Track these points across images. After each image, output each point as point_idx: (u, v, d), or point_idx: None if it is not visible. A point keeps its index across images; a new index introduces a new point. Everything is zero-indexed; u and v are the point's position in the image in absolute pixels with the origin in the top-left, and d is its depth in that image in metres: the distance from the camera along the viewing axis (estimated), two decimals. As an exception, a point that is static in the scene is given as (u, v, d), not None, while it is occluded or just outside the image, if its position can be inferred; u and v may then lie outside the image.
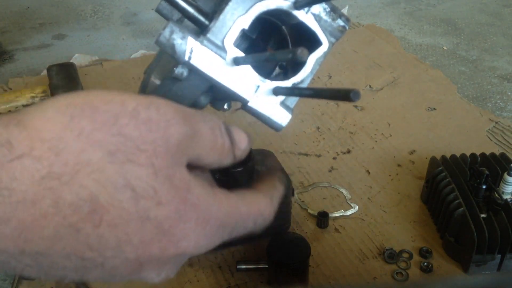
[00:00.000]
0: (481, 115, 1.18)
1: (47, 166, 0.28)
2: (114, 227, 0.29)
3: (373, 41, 1.51)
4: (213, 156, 0.36)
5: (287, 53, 0.38)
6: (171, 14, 0.54)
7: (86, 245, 0.29)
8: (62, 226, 0.28)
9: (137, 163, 0.30)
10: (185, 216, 0.32)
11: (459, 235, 0.81)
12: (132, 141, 0.30)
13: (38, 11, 1.75)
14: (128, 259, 0.31)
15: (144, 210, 0.30)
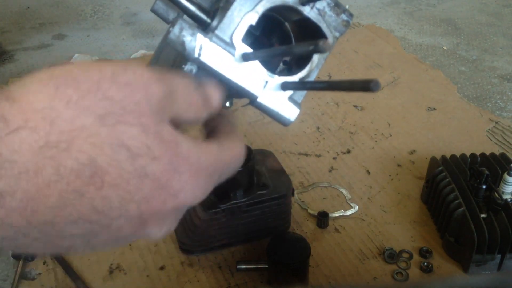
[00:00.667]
0: (481, 115, 1.18)
1: (44, 136, 0.28)
2: (116, 187, 0.30)
3: (373, 41, 1.51)
4: (190, 113, 0.38)
5: (307, 45, 0.38)
6: (167, 13, 0.54)
7: (91, 208, 0.30)
8: (66, 192, 0.29)
9: (127, 123, 0.31)
10: (179, 169, 0.33)
11: (459, 235, 0.81)
12: (118, 104, 0.31)
13: (38, 11, 1.75)
14: (132, 216, 0.32)
15: (141, 167, 0.31)
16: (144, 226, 0.33)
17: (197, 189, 0.35)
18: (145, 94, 0.32)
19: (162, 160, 0.32)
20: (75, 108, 0.30)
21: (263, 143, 1.08)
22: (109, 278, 0.80)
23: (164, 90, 0.34)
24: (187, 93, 0.37)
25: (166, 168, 0.32)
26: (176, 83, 0.36)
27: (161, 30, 1.61)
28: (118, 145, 0.30)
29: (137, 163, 0.31)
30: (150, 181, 0.32)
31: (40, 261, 0.83)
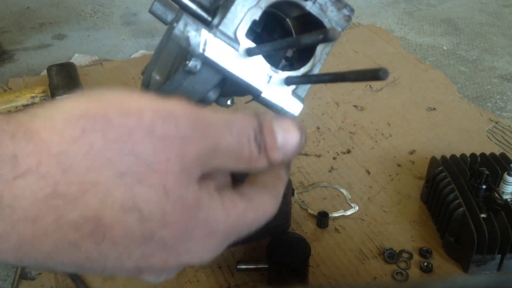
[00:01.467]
0: (481, 115, 1.18)
1: (52, 185, 0.27)
2: (116, 245, 0.29)
3: (373, 41, 1.51)
4: (238, 166, 0.33)
5: (316, 35, 0.37)
6: (165, 14, 0.54)
7: (86, 258, 0.29)
8: (61, 243, 0.28)
9: (147, 184, 0.28)
10: (191, 233, 0.31)
11: (459, 235, 0.81)
12: (143, 160, 0.28)
13: (38, 11, 1.75)
14: (128, 269, 0.31)
15: (149, 232, 0.29)
16: (139, 274, 0.32)
17: (206, 253, 0.32)
18: (179, 151, 0.29)
19: (175, 226, 0.29)
20: (94, 159, 0.27)
21: (263, 143, 1.08)
22: (109, 278, 0.80)
23: (204, 146, 0.30)
24: (238, 147, 0.32)
25: (176, 235, 0.30)
26: (225, 138, 0.31)
27: (161, 30, 1.61)
28: (130, 206, 0.28)
29: (145, 226, 0.29)
30: (154, 244, 0.30)
31: (40, 261, 0.83)
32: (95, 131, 0.27)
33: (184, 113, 0.30)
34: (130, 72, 1.36)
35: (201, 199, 0.31)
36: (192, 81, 0.48)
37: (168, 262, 0.31)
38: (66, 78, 1.18)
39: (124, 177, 0.28)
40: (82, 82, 1.21)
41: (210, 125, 0.31)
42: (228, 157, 0.32)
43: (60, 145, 0.27)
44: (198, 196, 0.30)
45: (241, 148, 0.32)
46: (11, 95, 1.16)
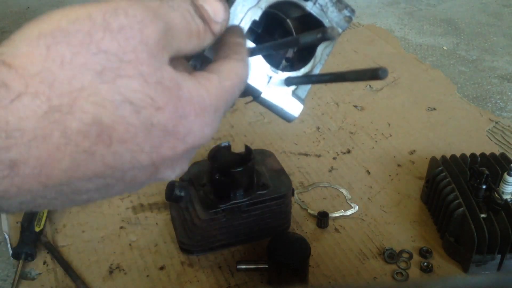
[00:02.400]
0: (481, 115, 1.18)
1: (46, 101, 0.28)
2: (124, 142, 0.31)
3: (373, 41, 1.51)
4: (192, 43, 0.36)
5: (314, 33, 0.37)
6: None
7: (103, 164, 0.30)
8: (76, 153, 0.29)
9: (126, 76, 0.30)
10: (184, 113, 0.33)
11: (459, 235, 0.81)
12: (114, 55, 0.30)
13: (38, 11, 1.75)
14: (145, 166, 0.32)
15: (147, 119, 0.31)
16: (157, 171, 0.34)
17: (205, 128, 0.35)
18: (141, 38, 0.31)
19: (167, 108, 0.32)
20: (70, 68, 0.29)
21: (263, 143, 1.08)
22: (109, 278, 0.80)
23: (160, 29, 0.32)
24: (185, 23, 0.35)
25: (171, 115, 0.32)
26: (172, 15, 0.34)
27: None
28: (121, 100, 0.30)
29: (142, 115, 0.31)
30: (157, 131, 0.32)
31: (40, 261, 0.83)
32: (58, 43, 0.29)
33: (129, 3, 0.32)
34: (130, 72, 1.36)
35: (178, 80, 0.33)
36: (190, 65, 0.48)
37: (176, 148, 0.33)
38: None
39: (103, 75, 0.29)
40: (82, 82, 1.21)
41: (156, 7, 0.33)
42: (181, 34, 0.35)
43: (35, 65, 0.28)
44: (173, 77, 0.33)
45: (188, 23, 0.35)
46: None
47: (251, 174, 0.80)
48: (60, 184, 0.30)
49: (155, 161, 0.33)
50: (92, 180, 0.31)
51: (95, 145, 0.29)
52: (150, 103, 0.31)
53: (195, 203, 0.79)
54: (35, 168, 0.28)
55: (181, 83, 0.33)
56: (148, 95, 0.31)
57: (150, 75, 0.31)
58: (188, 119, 0.33)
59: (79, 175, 0.30)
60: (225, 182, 0.77)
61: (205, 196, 0.79)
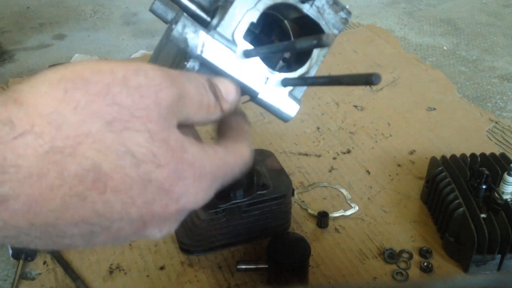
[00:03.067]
0: (481, 115, 1.18)
1: (49, 141, 0.29)
2: (118, 192, 0.31)
3: (373, 41, 1.51)
4: (201, 114, 0.38)
5: (310, 39, 0.38)
6: (166, 13, 0.55)
7: (93, 211, 0.30)
8: (68, 196, 0.29)
9: (133, 129, 0.31)
10: (183, 174, 0.33)
11: (459, 235, 0.81)
12: (126, 109, 0.31)
13: (38, 11, 1.75)
14: (133, 219, 0.32)
15: (145, 174, 0.31)
16: (144, 227, 0.34)
17: (200, 194, 0.35)
18: (155, 99, 0.32)
19: (167, 166, 0.32)
20: (82, 114, 0.30)
21: (263, 143, 1.08)
22: (109, 278, 0.80)
23: (174, 95, 0.34)
24: (198, 95, 0.37)
25: (170, 174, 0.32)
26: (187, 86, 0.36)
27: (161, 30, 1.61)
28: (123, 151, 0.30)
29: (141, 169, 0.31)
30: (153, 187, 0.32)
31: (40, 261, 0.83)
32: (76, 89, 0.30)
33: (151, 66, 0.34)
34: (130, 72, 1.36)
35: (183, 143, 0.34)
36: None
37: (168, 207, 0.33)
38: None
39: (112, 125, 0.30)
40: (82, 82, 1.21)
41: (175, 75, 0.35)
42: (193, 104, 0.36)
43: (48, 106, 0.29)
44: (180, 139, 0.34)
45: (201, 96, 0.37)
46: (11, 95, 1.16)
47: (251, 174, 0.80)
48: (47, 224, 0.30)
49: (145, 216, 0.33)
50: (78, 225, 0.31)
51: (88, 191, 0.30)
52: (151, 159, 0.32)
53: (195, 203, 0.79)
54: (25, 205, 0.29)
55: (186, 146, 0.34)
56: (151, 151, 0.32)
57: (156, 133, 0.32)
58: (185, 181, 0.34)
59: (67, 218, 0.30)
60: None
61: (205, 196, 0.79)
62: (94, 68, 0.32)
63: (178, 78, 0.35)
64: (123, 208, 0.31)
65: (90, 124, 0.30)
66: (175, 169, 0.33)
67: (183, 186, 0.34)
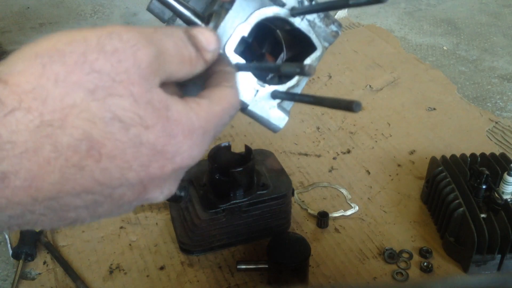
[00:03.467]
0: (481, 115, 1.18)
1: (38, 116, 0.29)
2: (113, 158, 0.31)
3: (373, 41, 1.51)
4: (183, 69, 0.37)
5: (294, 67, 0.39)
6: (163, 13, 0.56)
7: (92, 180, 0.31)
8: (66, 167, 0.30)
9: (117, 95, 0.31)
10: (173, 133, 0.34)
11: (459, 235, 0.81)
12: (106, 75, 0.31)
13: (38, 11, 1.75)
14: (133, 184, 0.33)
15: (135, 137, 0.32)
16: (145, 191, 0.34)
17: (194, 149, 0.35)
18: (134, 60, 0.32)
19: (155, 127, 0.33)
20: (64, 86, 0.30)
21: (263, 143, 1.08)
22: (109, 278, 0.80)
23: (152, 52, 0.34)
24: (177, 50, 0.36)
25: (160, 134, 0.33)
26: (165, 42, 0.35)
27: (161, 30, 1.61)
28: (110, 117, 0.31)
29: (131, 133, 0.32)
30: (146, 149, 0.32)
31: (40, 261, 0.83)
32: (53, 62, 0.31)
33: (124, 28, 0.33)
34: (130, 72, 1.36)
35: (167, 102, 0.34)
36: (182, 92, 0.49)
37: (164, 167, 0.34)
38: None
39: (95, 93, 0.31)
40: (82, 82, 1.21)
41: (150, 32, 0.35)
42: (174, 59, 0.36)
43: (30, 82, 0.30)
44: (163, 98, 0.34)
45: (181, 50, 0.37)
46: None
47: (251, 174, 0.80)
48: (50, 198, 0.30)
49: (144, 179, 0.33)
50: (80, 195, 0.31)
51: (84, 160, 0.30)
52: (139, 121, 0.32)
53: (195, 203, 0.79)
54: (26, 181, 0.29)
55: (171, 105, 0.34)
56: (137, 114, 0.32)
57: (140, 96, 0.32)
58: (176, 139, 0.34)
59: (68, 189, 0.30)
60: (225, 182, 0.77)
61: (205, 196, 0.79)
62: (67, 38, 0.32)
63: (154, 35, 0.35)
64: (121, 174, 0.32)
65: (73, 95, 0.30)
66: (163, 128, 0.33)
67: (175, 145, 0.34)
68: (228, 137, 1.10)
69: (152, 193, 0.35)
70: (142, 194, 0.34)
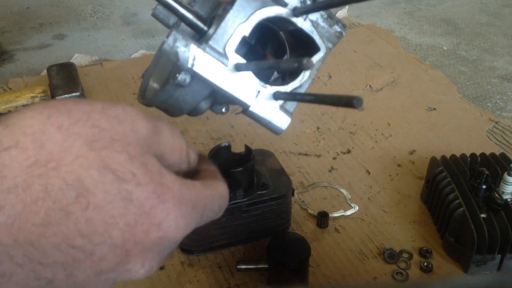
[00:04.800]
0: (481, 115, 1.18)
1: (33, 155, 0.30)
2: (100, 210, 0.31)
3: (373, 41, 1.51)
4: (174, 156, 0.39)
5: (292, 62, 0.39)
6: (168, 18, 0.56)
7: (76, 230, 0.30)
8: (52, 210, 0.29)
9: (114, 149, 0.32)
10: (163, 197, 0.34)
11: (459, 235, 0.81)
12: (106, 132, 0.33)
13: (38, 11, 1.75)
14: (116, 245, 0.32)
15: (126, 191, 0.32)
16: (126, 258, 0.33)
17: (180, 220, 0.35)
18: (132, 127, 0.34)
19: (146, 186, 0.33)
20: (65, 133, 0.31)
21: (263, 143, 1.08)
22: (109, 278, 0.80)
23: (150, 127, 0.36)
24: (172, 137, 0.38)
25: (150, 195, 0.33)
26: (162, 125, 0.38)
27: (161, 30, 1.61)
28: (104, 167, 0.31)
29: (122, 186, 0.32)
30: (134, 207, 0.32)
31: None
32: (60, 114, 0.32)
33: (127, 104, 0.36)
34: (130, 72, 1.36)
35: (161, 169, 0.35)
36: (183, 93, 0.49)
37: (150, 233, 0.33)
38: (66, 78, 1.18)
39: (93, 144, 0.32)
40: (82, 82, 1.21)
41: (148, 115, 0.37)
42: (167, 142, 0.38)
43: (33, 127, 0.31)
44: (158, 165, 0.35)
45: (174, 137, 0.39)
46: (11, 95, 1.16)
47: (251, 174, 0.80)
48: (30, 243, 0.29)
49: (127, 241, 0.32)
50: (61, 247, 0.30)
51: (72, 205, 0.30)
52: (131, 177, 0.32)
53: (195, 203, 0.79)
54: (9, 218, 0.29)
55: (164, 173, 0.35)
56: (131, 171, 0.32)
57: (135, 155, 0.33)
58: (165, 204, 0.34)
59: (50, 236, 0.30)
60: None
61: (205, 196, 0.79)
62: (75, 101, 0.34)
63: (153, 117, 0.37)
64: (106, 229, 0.31)
65: (72, 142, 0.31)
66: (154, 190, 0.33)
67: (163, 210, 0.33)
68: (228, 137, 1.10)
69: (133, 263, 0.34)
70: (123, 261, 0.33)
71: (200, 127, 1.14)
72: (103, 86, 1.30)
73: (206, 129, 1.13)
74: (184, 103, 0.51)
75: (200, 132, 1.13)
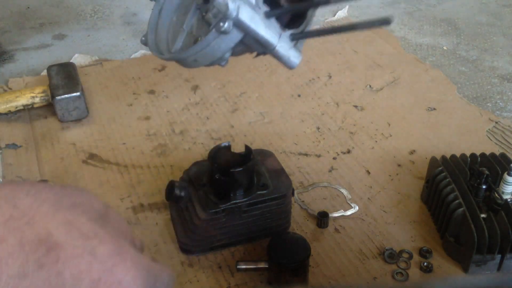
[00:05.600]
0: (481, 115, 1.18)
1: (8, 214, 0.33)
2: (69, 263, 0.33)
3: (373, 41, 1.51)
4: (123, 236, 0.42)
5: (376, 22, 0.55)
6: None
7: (48, 283, 0.32)
8: (26, 263, 0.31)
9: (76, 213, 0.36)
10: (123, 256, 0.37)
11: (459, 235, 0.81)
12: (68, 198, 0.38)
13: (38, 11, 1.75)
14: None
15: (91, 247, 0.35)
16: None
17: (138, 281, 0.37)
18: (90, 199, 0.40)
19: (108, 245, 0.36)
20: (33, 197, 0.35)
21: (263, 143, 1.08)
22: (109, 278, 0.80)
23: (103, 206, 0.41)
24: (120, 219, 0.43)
25: (112, 252, 0.36)
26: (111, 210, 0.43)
27: (161, 30, 1.61)
28: (70, 225, 0.35)
29: (87, 243, 0.35)
30: (98, 263, 0.34)
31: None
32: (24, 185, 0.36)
33: None
34: (130, 72, 1.36)
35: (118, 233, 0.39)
36: (219, 41, 0.60)
37: None
38: (66, 78, 1.18)
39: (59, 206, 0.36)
40: (82, 82, 1.21)
41: None
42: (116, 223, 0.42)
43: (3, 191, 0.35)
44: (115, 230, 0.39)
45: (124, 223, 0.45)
46: (11, 95, 1.16)
47: (251, 174, 0.80)
48: None
49: None
50: None
51: (44, 258, 0.32)
52: (94, 235, 0.36)
53: (195, 203, 0.79)
54: None
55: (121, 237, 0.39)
56: (94, 230, 0.36)
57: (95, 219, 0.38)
58: (125, 263, 0.36)
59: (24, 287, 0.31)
60: (225, 182, 0.77)
61: (205, 196, 0.79)
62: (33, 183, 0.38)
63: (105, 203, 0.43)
64: (73, 284, 0.33)
65: (41, 203, 0.35)
66: (115, 249, 0.36)
67: (124, 268, 0.36)
68: (228, 137, 1.10)
69: None
70: None
71: (200, 127, 1.14)
72: (103, 86, 1.30)
73: (206, 129, 1.13)
74: (218, 51, 0.61)
75: (200, 132, 1.13)
